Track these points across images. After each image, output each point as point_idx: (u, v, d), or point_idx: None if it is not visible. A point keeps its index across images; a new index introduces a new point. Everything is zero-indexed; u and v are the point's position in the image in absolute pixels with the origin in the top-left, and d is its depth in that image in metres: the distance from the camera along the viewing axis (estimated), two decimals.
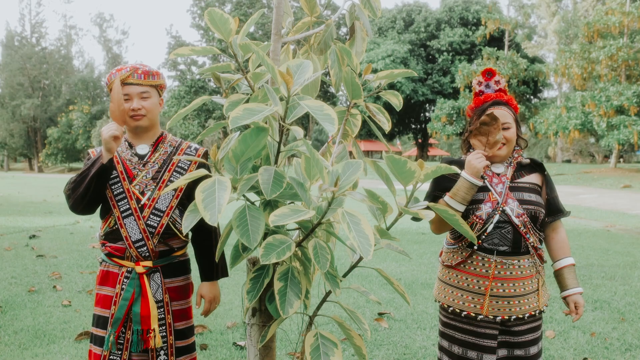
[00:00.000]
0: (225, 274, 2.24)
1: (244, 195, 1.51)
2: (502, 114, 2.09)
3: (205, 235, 2.17)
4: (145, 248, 2.03)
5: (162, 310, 2.08)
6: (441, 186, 2.13)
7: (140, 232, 2.02)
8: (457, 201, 2.03)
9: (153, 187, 2.07)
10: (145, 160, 2.11)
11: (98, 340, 2.08)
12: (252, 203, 1.53)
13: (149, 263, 2.05)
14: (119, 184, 2.06)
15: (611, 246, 7.54)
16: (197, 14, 39.45)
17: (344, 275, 1.70)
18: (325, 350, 1.59)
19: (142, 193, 2.06)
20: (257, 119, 1.37)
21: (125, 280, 2.04)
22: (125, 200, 2.05)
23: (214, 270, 2.20)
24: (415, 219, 2.17)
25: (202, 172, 1.49)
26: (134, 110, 2.06)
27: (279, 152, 1.61)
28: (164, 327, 2.08)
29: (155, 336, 2.03)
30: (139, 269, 2.03)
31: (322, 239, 1.68)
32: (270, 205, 1.63)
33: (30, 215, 11.04)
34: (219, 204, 1.32)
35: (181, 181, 1.46)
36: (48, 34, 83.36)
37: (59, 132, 42.79)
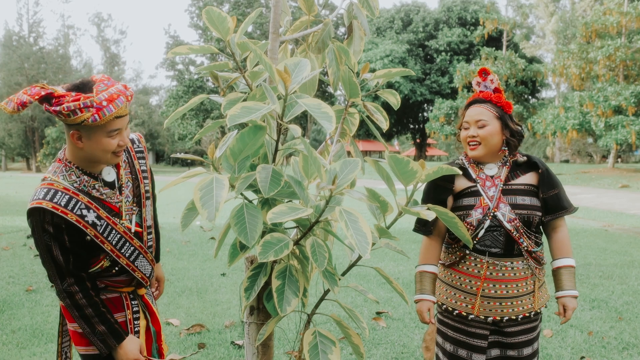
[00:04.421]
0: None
1: (241, 194, 1.51)
2: (478, 111, 2.07)
3: (155, 218, 2.06)
4: (152, 275, 1.99)
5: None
6: (435, 200, 2.11)
7: (149, 263, 1.92)
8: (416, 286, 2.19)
9: (137, 208, 1.88)
10: (118, 185, 1.84)
11: None
12: (250, 201, 1.53)
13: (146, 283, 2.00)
14: (114, 232, 1.78)
15: (609, 246, 7.55)
16: (196, 13, 39.40)
17: (343, 274, 1.70)
18: (323, 348, 1.60)
19: (131, 221, 1.84)
20: (255, 117, 1.37)
21: (133, 303, 1.94)
22: (128, 245, 1.82)
23: (159, 252, 2.13)
24: (416, 229, 2.19)
25: (200, 170, 1.50)
26: (121, 147, 1.74)
27: (276, 150, 1.61)
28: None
29: (164, 346, 2.06)
30: (142, 291, 1.98)
31: (320, 237, 1.68)
32: (268, 203, 1.64)
33: None
34: (217, 202, 1.32)
35: (177, 181, 1.46)
36: (46, 34, 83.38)
37: (57, 132, 42.68)
